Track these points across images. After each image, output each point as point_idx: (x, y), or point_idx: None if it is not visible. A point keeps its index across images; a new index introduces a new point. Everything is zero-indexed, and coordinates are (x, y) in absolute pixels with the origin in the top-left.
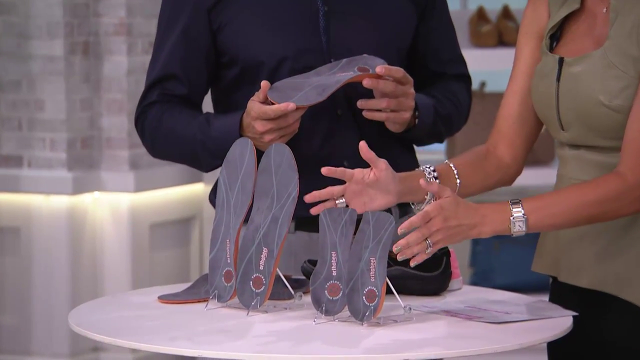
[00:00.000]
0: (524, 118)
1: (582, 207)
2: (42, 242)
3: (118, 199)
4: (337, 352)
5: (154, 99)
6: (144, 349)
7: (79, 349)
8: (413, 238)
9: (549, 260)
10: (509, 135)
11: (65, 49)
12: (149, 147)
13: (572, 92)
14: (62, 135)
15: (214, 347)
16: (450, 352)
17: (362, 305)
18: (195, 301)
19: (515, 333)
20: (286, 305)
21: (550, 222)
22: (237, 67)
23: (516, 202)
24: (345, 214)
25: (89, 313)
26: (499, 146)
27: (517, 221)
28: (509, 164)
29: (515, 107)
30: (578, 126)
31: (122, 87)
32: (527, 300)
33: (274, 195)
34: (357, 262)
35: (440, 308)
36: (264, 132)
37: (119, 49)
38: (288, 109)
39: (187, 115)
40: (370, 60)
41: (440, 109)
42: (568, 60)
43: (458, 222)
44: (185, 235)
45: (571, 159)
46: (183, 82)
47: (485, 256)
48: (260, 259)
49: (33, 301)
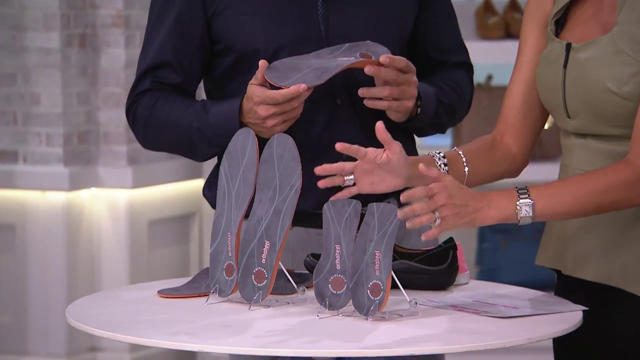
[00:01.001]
0: (529, 108)
1: (591, 195)
2: (38, 239)
3: (116, 195)
4: (341, 347)
5: (147, 87)
6: (143, 344)
7: (75, 349)
8: (419, 206)
9: (553, 252)
10: (514, 126)
11: (61, 41)
12: (140, 137)
13: (579, 79)
14: (59, 130)
15: (215, 342)
16: (457, 347)
17: (366, 300)
18: (195, 296)
19: (524, 328)
20: (289, 300)
21: (558, 210)
22: (232, 56)
23: (523, 189)
24: (349, 206)
25: (87, 308)
26: (505, 136)
27: (523, 207)
28: (516, 154)
29: (520, 97)
30: (585, 114)
31: (120, 80)
32: (535, 295)
33: (276, 187)
34: (361, 255)
35: (446, 303)
36: (266, 117)
37: (117, 41)
38: (300, 90)
39: (182, 103)
40: (373, 47)
41: (442, 98)
42: (575, 46)
43: (464, 202)
44: (185, 232)
45: (577, 148)
46: (176, 71)
47: (492, 254)
48: (262, 252)
49: (28, 300)
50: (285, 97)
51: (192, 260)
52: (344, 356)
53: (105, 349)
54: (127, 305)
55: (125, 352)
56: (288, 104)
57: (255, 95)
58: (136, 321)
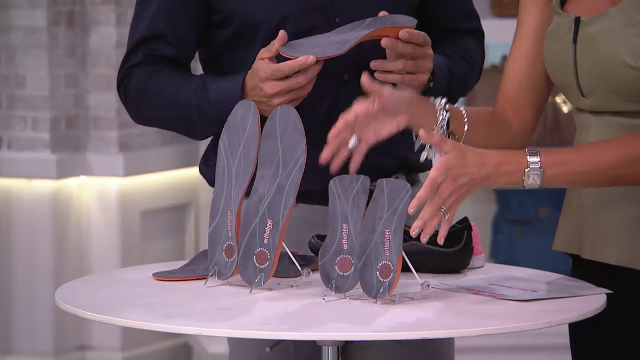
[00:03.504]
0: (531, 83)
1: (606, 168)
2: (23, 231)
3: (106, 183)
4: (348, 331)
5: (139, 60)
6: (138, 327)
7: (63, 348)
8: (427, 214)
9: (570, 235)
10: (515, 101)
11: (48, 19)
12: (132, 112)
13: (592, 55)
14: (45, 114)
15: (214, 326)
16: (471, 330)
17: (375, 282)
18: (193, 278)
19: (543, 311)
20: (292, 283)
21: (568, 179)
22: (231, 28)
23: (534, 153)
24: (357, 182)
25: (77, 290)
26: (505, 112)
27: (532, 175)
28: (516, 131)
29: (521, 72)
30: (601, 91)
31: (111, 61)
32: (555, 278)
33: (279, 162)
34: (370, 234)
35: (460, 285)
36: (273, 94)
37: (107, 19)
38: (307, 62)
39: (178, 77)
40: (398, 19)
41: (454, 69)
42: (585, 20)
43: (469, 177)
44: (180, 223)
45: (593, 125)
46: (171, 43)
47: (507, 246)
48: (264, 232)
49: (13, 295)
50: (291, 69)
51: (188, 254)
52: (352, 340)
53: (95, 348)
54: (121, 288)
55: (116, 350)
56: (295, 81)
57: (262, 71)
58: (130, 304)
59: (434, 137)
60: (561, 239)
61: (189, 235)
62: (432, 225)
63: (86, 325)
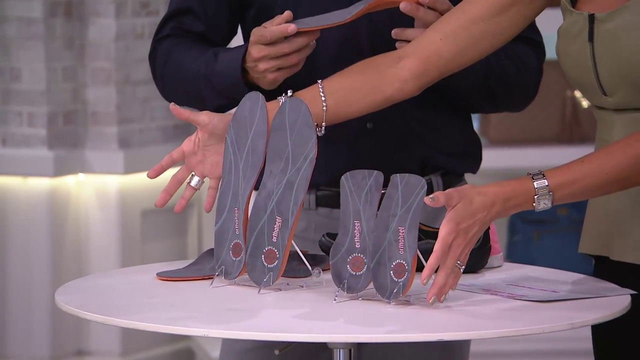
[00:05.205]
0: (461, 45)
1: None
2: (19, 231)
3: (105, 181)
4: (360, 333)
5: (167, 33)
6: (141, 329)
7: (61, 352)
8: (442, 279)
9: (596, 237)
10: (427, 51)
11: (44, 9)
12: (160, 87)
13: (611, 52)
14: (42, 109)
15: (221, 327)
16: (489, 332)
17: (389, 281)
18: (198, 278)
19: (565, 313)
20: (302, 283)
21: (580, 195)
22: (254, 8)
23: (540, 178)
24: (370, 178)
25: (77, 290)
26: (406, 59)
27: (542, 199)
28: (407, 80)
29: (453, 27)
30: (625, 90)
31: (110, 54)
32: (576, 278)
33: (288, 156)
34: (383, 232)
35: (478, 286)
36: (258, 58)
37: (106, 10)
38: (288, 30)
39: (196, 50)
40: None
41: (493, 61)
42: (600, 17)
43: (479, 224)
44: (182, 224)
45: (617, 122)
46: (200, 18)
47: (524, 247)
48: (273, 230)
49: (9, 297)
50: (273, 34)
51: (190, 254)
52: (364, 342)
53: (94, 353)
54: (123, 288)
55: (115, 356)
56: (279, 47)
57: (252, 35)
58: (133, 304)
59: (440, 201)
60: (587, 242)
61: (192, 236)
62: (450, 285)
63: (84, 329)
